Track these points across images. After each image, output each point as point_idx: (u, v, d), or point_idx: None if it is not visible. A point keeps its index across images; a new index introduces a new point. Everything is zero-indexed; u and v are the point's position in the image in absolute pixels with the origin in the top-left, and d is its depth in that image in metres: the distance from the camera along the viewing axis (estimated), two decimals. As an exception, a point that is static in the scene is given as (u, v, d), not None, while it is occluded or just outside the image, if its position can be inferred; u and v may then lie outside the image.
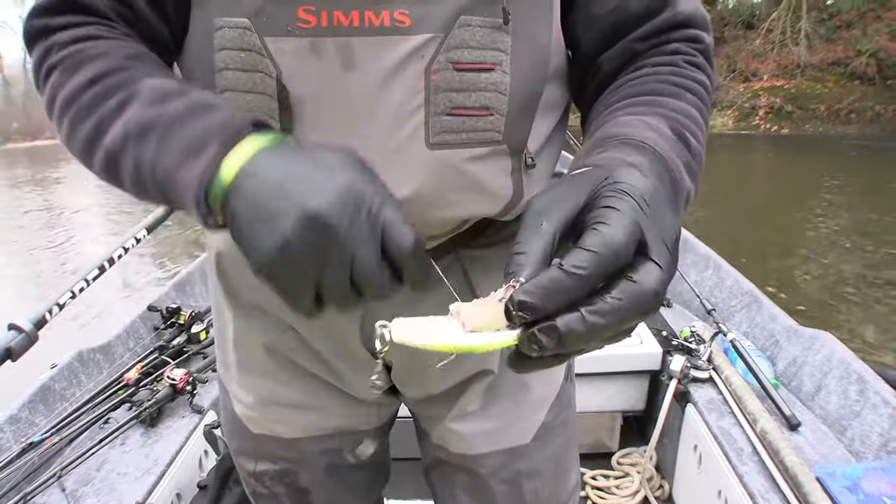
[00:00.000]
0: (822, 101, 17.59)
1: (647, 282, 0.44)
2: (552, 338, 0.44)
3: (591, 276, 0.43)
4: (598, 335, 0.45)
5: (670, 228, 0.47)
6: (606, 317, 0.43)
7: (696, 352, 2.10)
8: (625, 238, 0.44)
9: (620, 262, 0.44)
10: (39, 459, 1.67)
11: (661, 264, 0.45)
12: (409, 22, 0.64)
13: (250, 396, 0.96)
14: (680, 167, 0.59)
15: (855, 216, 8.28)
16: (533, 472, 0.98)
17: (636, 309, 0.44)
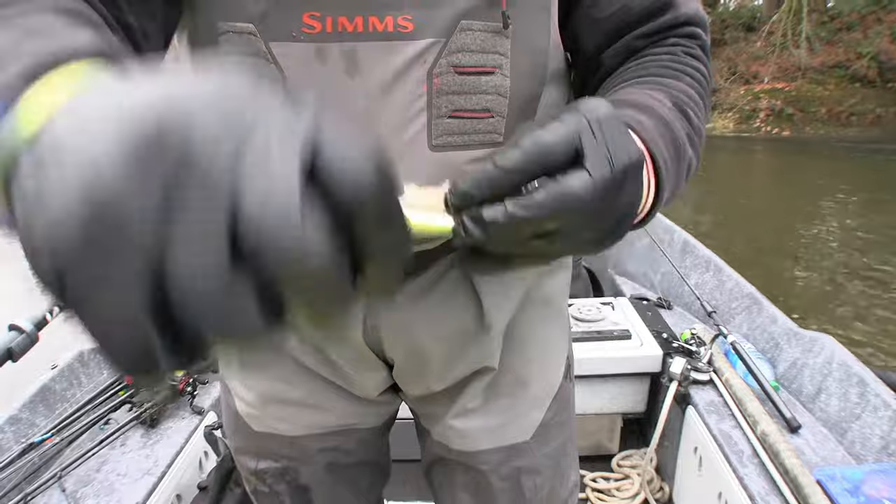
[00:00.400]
0: (823, 103, 17.58)
1: (570, 183, 0.45)
2: (477, 225, 0.46)
3: (515, 170, 0.46)
4: (520, 229, 0.46)
5: (622, 151, 0.47)
6: (525, 210, 0.45)
7: (696, 354, 2.10)
8: (553, 139, 0.46)
9: (548, 162, 0.46)
10: (40, 460, 1.67)
11: (592, 174, 0.45)
12: (411, 27, 0.65)
13: (252, 394, 0.96)
14: (681, 133, 0.61)
15: (857, 218, 8.28)
16: (532, 469, 0.98)
17: (556, 207, 0.45)
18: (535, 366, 0.95)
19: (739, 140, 16.76)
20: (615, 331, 2.26)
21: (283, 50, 0.65)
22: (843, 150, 14.07)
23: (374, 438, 1.07)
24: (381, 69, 0.66)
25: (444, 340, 0.88)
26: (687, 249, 2.84)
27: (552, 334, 0.98)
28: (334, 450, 1.01)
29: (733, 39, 20.71)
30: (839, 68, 18.24)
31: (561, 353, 1.00)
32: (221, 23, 0.66)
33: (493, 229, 0.46)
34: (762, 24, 20.24)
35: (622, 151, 0.47)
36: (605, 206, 0.47)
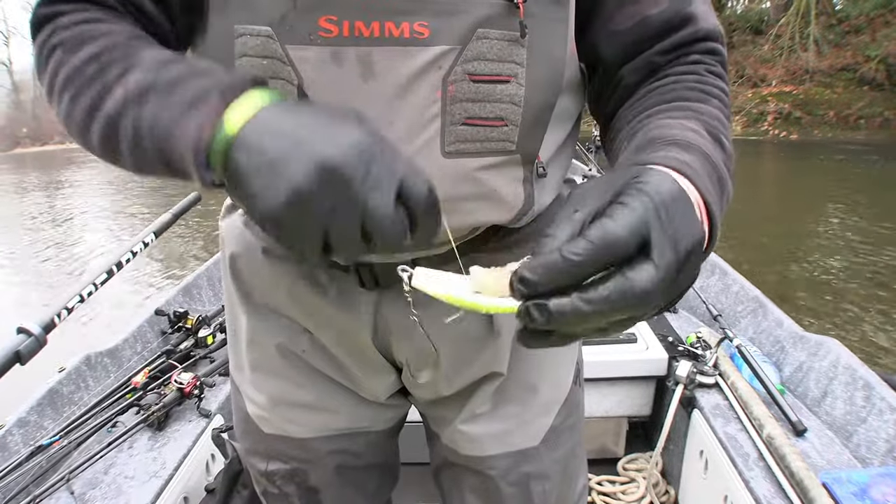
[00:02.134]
0: (831, 106, 17.54)
1: (638, 279, 0.45)
2: (542, 314, 0.47)
3: (584, 263, 0.45)
4: (585, 321, 0.46)
5: (687, 235, 0.47)
6: (591, 305, 0.45)
7: (702, 357, 2.10)
8: (623, 233, 0.45)
9: (617, 255, 0.46)
10: (48, 463, 1.67)
11: (658, 265, 0.45)
12: (427, 33, 0.66)
13: (263, 396, 0.97)
14: (722, 166, 0.61)
15: (864, 222, 8.24)
16: (541, 474, 0.99)
17: (621, 303, 0.45)
18: (544, 371, 0.96)
19: (747, 143, 16.75)
20: (620, 334, 2.26)
21: (299, 53, 0.66)
22: (850, 154, 14.01)
23: (383, 441, 1.07)
24: (396, 74, 0.67)
25: (453, 345, 0.89)
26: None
27: None
28: (344, 452, 1.02)
29: (741, 42, 20.70)
30: (847, 71, 18.21)
31: (570, 358, 1.00)
32: (238, 25, 0.67)
33: (559, 321, 0.47)
34: (770, 26, 20.22)
35: (687, 235, 0.47)
36: (670, 288, 0.47)
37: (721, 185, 0.59)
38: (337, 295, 0.85)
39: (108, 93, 0.61)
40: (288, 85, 0.67)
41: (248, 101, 0.54)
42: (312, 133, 0.51)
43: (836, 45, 18.90)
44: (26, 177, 21.90)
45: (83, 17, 0.67)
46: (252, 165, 0.51)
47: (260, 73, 0.67)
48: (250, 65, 0.67)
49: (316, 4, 0.65)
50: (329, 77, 0.67)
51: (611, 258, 0.46)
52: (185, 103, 0.56)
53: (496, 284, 0.52)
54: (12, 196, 16.68)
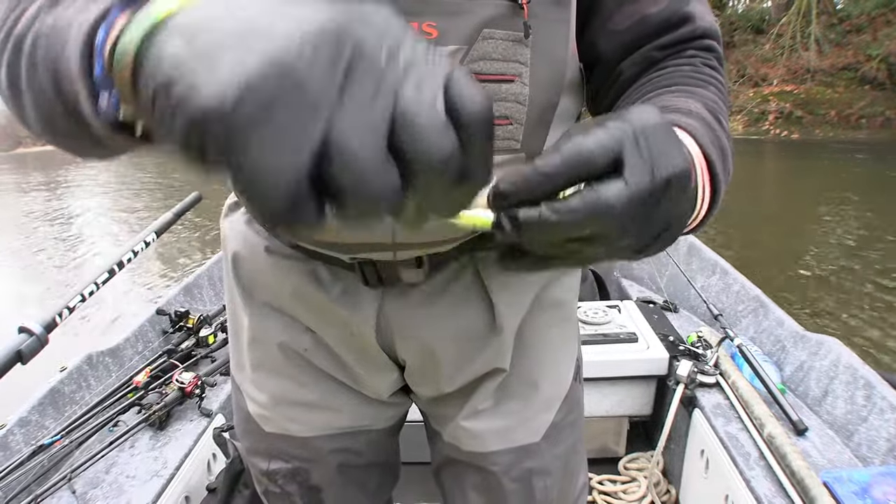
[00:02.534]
0: (833, 106, 17.51)
1: (605, 192, 0.45)
2: (513, 223, 0.46)
3: (553, 174, 0.45)
4: (552, 232, 0.46)
5: (666, 162, 0.47)
6: (558, 214, 0.45)
7: (702, 357, 2.10)
8: (594, 147, 0.45)
9: (588, 170, 0.45)
10: (49, 462, 1.68)
11: (629, 182, 0.45)
12: (435, 34, 0.66)
13: (264, 395, 0.97)
14: (724, 138, 0.62)
15: (865, 221, 8.24)
16: (543, 470, 0.99)
17: (588, 214, 0.45)
18: (545, 367, 0.96)
19: (748, 143, 16.73)
20: (621, 334, 2.26)
21: None
22: (852, 153, 14.00)
23: (385, 440, 1.08)
24: None
25: (456, 342, 0.89)
26: (693, 252, 2.84)
27: (562, 336, 0.99)
28: (345, 451, 1.02)
29: (742, 42, 20.68)
30: (848, 70, 18.18)
31: (571, 354, 1.01)
32: None
33: (527, 230, 0.47)
34: (771, 26, 20.20)
35: (666, 160, 0.47)
36: (643, 216, 0.47)
37: (722, 152, 0.60)
38: (340, 293, 0.85)
39: (24, 11, 0.49)
40: None
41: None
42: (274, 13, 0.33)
43: (837, 45, 18.88)
44: (28, 176, 21.93)
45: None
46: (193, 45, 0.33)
47: None
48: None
49: None
50: None
51: (581, 172, 0.46)
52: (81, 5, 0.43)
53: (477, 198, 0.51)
54: (14, 196, 16.70)
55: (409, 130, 0.33)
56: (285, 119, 0.30)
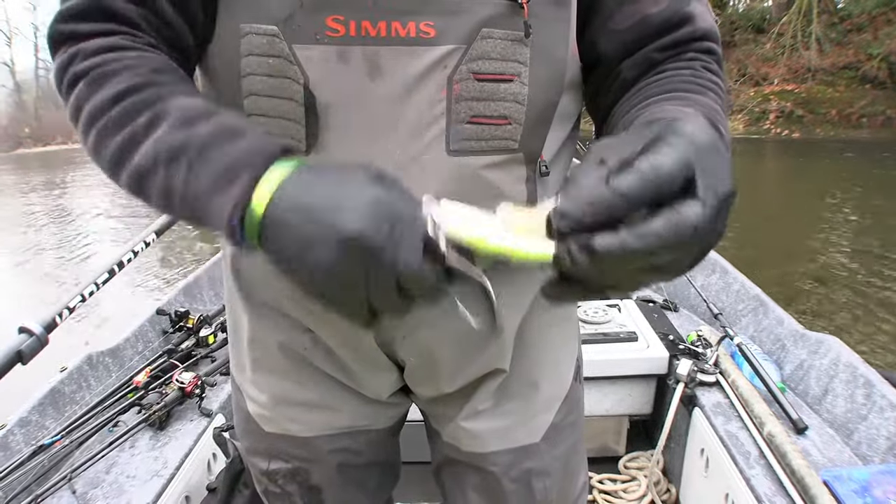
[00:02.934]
0: (833, 105, 17.48)
1: (688, 214, 0.44)
2: (586, 252, 0.45)
3: (634, 196, 0.44)
4: (631, 259, 0.45)
5: (723, 181, 0.46)
6: (642, 239, 0.44)
7: (702, 356, 2.10)
8: (673, 167, 0.45)
9: (665, 190, 0.44)
10: (49, 462, 1.68)
11: (705, 203, 0.44)
12: (433, 33, 0.67)
13: (264, 395, 0.97)
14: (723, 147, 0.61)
15: (867, 220, 8.24)
16: (542, 470, 0.99)
17: (672, 238, 0.44)
18: (545, 367, 0.96)
19: (749, 142, 16.71)
20: (621, 333, 2.26)
21: (305, 52, 0.67)
22: (853, 152, 13.99)
23: (385, 439, 1.08)
24: (403, 73, 0.68)
25: (456, 342, 0.89)
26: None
27: (562, 336, 0.98)
28: (345, 450, 1.02)
29: (743, 41, 20.65)
30: (849, 69, 18.15)
31: (571, 354, 1.01)
32: (244, 24, 0.67)
33: (604, 259, 0.45)
34: (771, 25, 20.17)
35: (725, 180, 0.47)
36: (707, 237, 0.46)
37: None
38: None
39: (137, 145, 0.61)
40: (294, 84, 0.68)
41: (274, 173, 0.55)
42: (331, 204, 0.52)
43: (838, 44, 18.85)
44: (28, 177, 21.93)
45: (104, 45, 0.65)
46: (283, 247, 0.54)
47: (266, 70, 0.68)
48: (256, 63, 0.68)
49: (323, 4, 0.65)
50: (335, 76, 0.68)
51: (658, 193, 0.45)
52: (215, 176, 0.57)
53: (531, 223, 0.48)
54: (15, 196, 16.70)
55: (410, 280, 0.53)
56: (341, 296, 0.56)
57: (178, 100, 0.62)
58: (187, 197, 0.59)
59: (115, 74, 0.64)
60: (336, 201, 0.52)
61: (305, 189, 0.54)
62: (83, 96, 0.65)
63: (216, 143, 0.58)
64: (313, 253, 0.52)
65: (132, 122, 0.62)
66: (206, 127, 0.59)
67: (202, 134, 0.59)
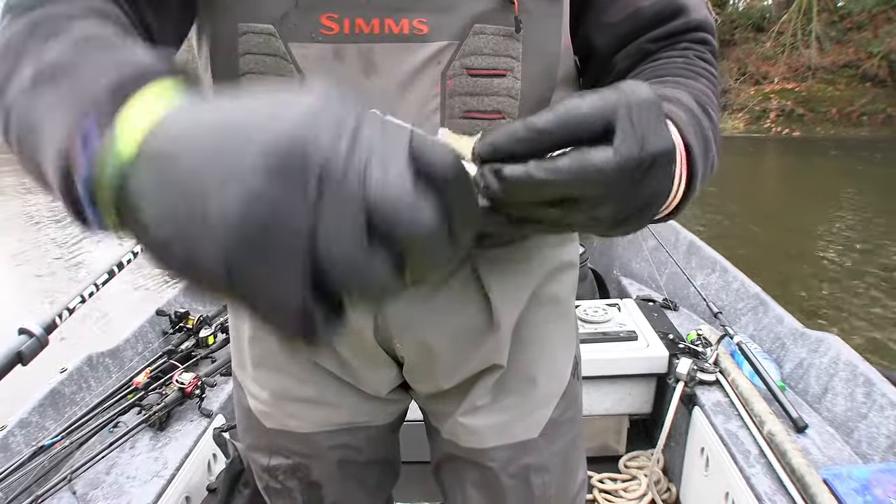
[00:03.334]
0: (834, 103, 17.50)
1: (595, 157, 0.46)
2: (497, 178, 0.47)
3: (544, 131, 0.46)
4: (537, 191, 0.47)
5: (655, 138, 0.47)
6: (545, 172, 0.46)
7: (702, 355, 2.10)
8: (587, 109, 0.46)
9: (579, 132, 0.46)
10: (50, 463, 1.68)
11: (618, 150, 0.46)
12: (426, 30, 0.67)
13: (265, 392, 0.98)
14: (708, 128, 0.63)
15: (868, 219, 8.24)
16: (541, 466, 0.99)
17: (575, 176, 0.46)
18: (543, 364, 0.96)
19: (749, 140, 16.72)
20: (621, 332, 2.27)
21: (301, 51, 0.68)
22: (853, 151, 13.98)
23: (384, 436, 1.08)
24: (397, 69, 0.68)
25: (453, 338, 0.89)
26: (692, 250, 2.84)
27: (560, 332, 0.99)
28: (345, 447, 1.02)
29: (743, 40, 20.67)
30: (849, 68, 18.17)
31: (569, 351, 1.01)
32: (241, 24, 0.68)
33: (511, 186, 0.47)
34: (772, 24, 20.19)
35: (655, 137, 0.48)
36: (627, 188, 0.47)
37: (705, 143, 0.60)
38: None
39: (15, 74, 0.49)
40: (291, 82, 0.68)
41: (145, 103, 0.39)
42: (253, 114, 0.35)
43: (838, 42, 18.86)
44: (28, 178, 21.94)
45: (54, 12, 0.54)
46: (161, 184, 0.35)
47: (263, 69, 0.69)
48: (254, 62, 0.69)
49: (317, 2, 0.66)
50: (331, 74, 0.68)
51: (573, 134, 0.46)
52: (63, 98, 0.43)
53: (459, 147, 0.51)
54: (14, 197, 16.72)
55: (385, 215, 0.33)
56: (276, 257, 0.32)
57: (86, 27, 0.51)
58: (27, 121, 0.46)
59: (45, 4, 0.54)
60: (262, 110, 0.35)
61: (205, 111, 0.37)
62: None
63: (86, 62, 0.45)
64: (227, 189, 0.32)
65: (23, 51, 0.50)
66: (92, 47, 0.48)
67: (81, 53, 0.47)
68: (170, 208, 0.34)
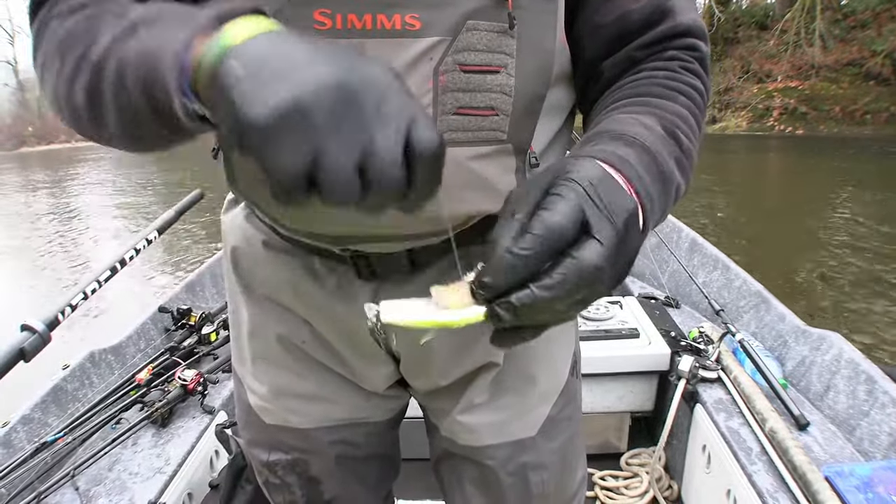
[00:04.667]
0: (837, 102, 17.46)
1: (586, 257, 0.49)
2: (508, 310, 0.51)
3: (534, 255, 0.49)
4: (549, 307, 0.50)
5: (621, 208, 0.52)
6: (551, 290, 0.49)
7: (704, 352, 2.10)
8: (562, 219, 0.50)
9: (562, 241, 0.50)
10: (52, 459, 1.68)
11: (601, 240, 0.50)
12: (418, 25, 0.67)
13: (264, 387, 0.99)
14: (669, 161, 0.63)
15: (871, 217, 8.22)
16: (539, 464, 0.99)
17: (578, 282, 0.50)
18: (541, 362, 0.96)
19: (752, 139, 16.71)
20: (623, 329, 2.26)
21: None
22: (857, 149, 13.96)
23: (384, 432, 1.08)
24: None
25: (449, 335, 0.89)
26: (695, 248, 2.84)
27: (558, 330, 0.98)
28: (344, 442, 1.03)
29: (746, 38, 20.65)
30: (853, 66, 18.14)
31: (567, 349, 1.01)
32: None
33: (524, 312, 0.50)
34: (775, 22, 20.15)
35: (620, 208, 0.52)
36: (617, 261, 0.51)
37: (662, 179, 0.62)
38: (335, 286, 0.86)
39: (94, 42, 0.59)
40: None
41: (248, 22, 0.49)
42: (328, 56, 0.45)
43: (841, 40, 18.82)
44: (32, 175, 21.98)
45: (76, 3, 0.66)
46: (249, 71, 0.44)
47: None
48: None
49: None
50: None
51: (557, 245, 0.50)
52: (175, 24, 0.53)
53: (460, 297, 0.55)
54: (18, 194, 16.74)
55: (373, 161, 0.44)
56: (296, 139, 0.43)
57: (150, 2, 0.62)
58: (140, 58, 0.54)
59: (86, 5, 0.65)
60: (335, 56, 0.46)
61: (294, 41, 0.47)
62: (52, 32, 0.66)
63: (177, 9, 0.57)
64: (283, 83, 0.43)
65: (93, 28, 0.61)
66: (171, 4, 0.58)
67: (165, 7, 0.58)
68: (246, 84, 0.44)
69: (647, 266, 3.03)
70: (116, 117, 0.59)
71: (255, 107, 0.42)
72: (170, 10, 0.57)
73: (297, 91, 0.42)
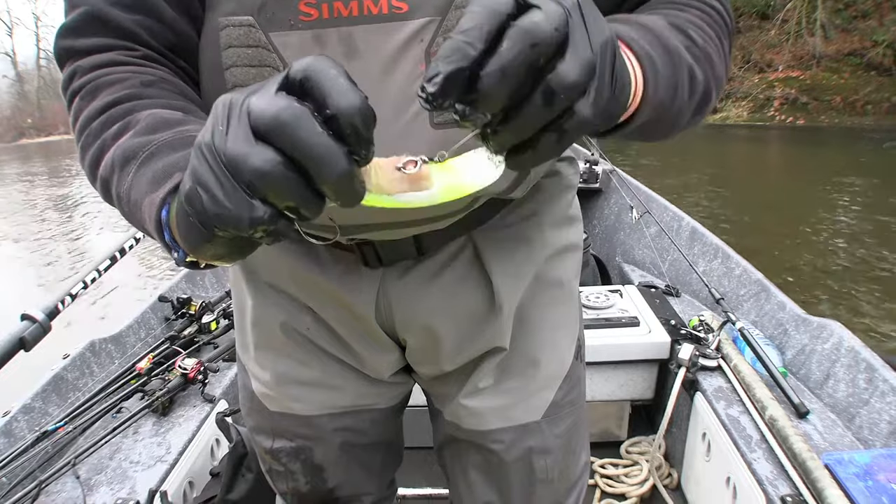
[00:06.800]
0: (838, 92, 17.44)
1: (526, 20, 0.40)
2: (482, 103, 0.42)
3: (474, 28, 0.41)
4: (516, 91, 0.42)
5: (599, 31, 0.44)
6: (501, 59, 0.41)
7: (704, 340, 2.10)
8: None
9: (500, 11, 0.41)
10: (53, 448, 1.69)
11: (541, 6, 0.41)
12: (406, 7, 0.66)
13: (268, 374, 0.99)
14: (676, 43, 0.59)
15: (871, 207, 8.22)
16: (543, 449, 0.99)
17: (526, 40, 0.40)
18: (545, 346, 0.96)
19: (753, 129, 16.68)
20: (623, 318, 2.26)
21: (282, 39, 0.67)
22: (857, 139, 13.93)
23: (388, 419, 1.08)
24: (379, 51, 0.67)
25: (456, 321, 0.89)
26: (695, 237, 2.84)
27: (563, 315, 0.99)
28: (348, 429, 1.03)
29: (747, 27, 20.58)
30: (854, 56, 18.10)
31: (572, 333, 1.01)
32: (223, 18, 0.68)
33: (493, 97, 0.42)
34: (776, 11, 20.09)
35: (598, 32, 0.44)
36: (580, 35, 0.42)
37: (666, 50, 0.57)
38: (340, 274, 0.86)
39: (105, 153, 0.63)
40: (274, 71, 0.68)
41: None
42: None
43: (843, 30, 18.78)
44: (31, 167, 21.96)
45: (100, 61, 0.69)
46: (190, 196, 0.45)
47: (246, 61, 0.68)
48: (236, 54, 0.68)
49: None
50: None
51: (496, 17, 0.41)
52: (151, 180, 0.57)
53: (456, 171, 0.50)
54: (17, 186, 16.73)
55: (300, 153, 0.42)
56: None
57: (153, 110, 0.64)
58: (130, 202, 0.59)
59: (104, 88, 0.67)
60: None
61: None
62: (77, 112, 0.68)
63: (165, 148, 0.59)
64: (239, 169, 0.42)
65: (105, 133, 0.64)
66: (164, 135, 0.60)
67: (157, 140, 0.60)
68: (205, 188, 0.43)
69: (648, 255, 3.03)
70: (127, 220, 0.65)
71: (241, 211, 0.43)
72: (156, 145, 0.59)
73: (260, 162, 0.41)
